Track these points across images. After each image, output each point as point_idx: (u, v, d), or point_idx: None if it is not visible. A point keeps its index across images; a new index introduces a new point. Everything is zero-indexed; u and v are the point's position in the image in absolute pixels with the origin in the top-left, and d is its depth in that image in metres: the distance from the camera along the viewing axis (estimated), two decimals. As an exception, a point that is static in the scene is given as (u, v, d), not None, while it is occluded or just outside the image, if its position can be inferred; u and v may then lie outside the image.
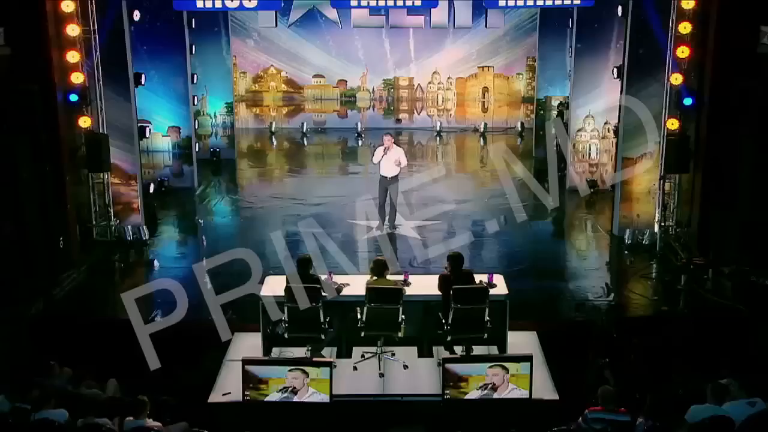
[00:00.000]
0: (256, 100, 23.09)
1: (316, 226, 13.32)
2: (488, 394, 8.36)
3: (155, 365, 8.80)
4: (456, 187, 17.12)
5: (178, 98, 16.75)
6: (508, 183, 15.71)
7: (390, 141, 13.54)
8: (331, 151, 21.54)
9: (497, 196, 15.87)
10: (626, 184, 13.82)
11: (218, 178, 18.27)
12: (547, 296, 11.65)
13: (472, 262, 12.36)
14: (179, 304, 9.75)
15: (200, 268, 11.11)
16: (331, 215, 14.49)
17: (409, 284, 9.84)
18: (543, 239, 14.28)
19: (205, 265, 11.35)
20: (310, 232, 13.11)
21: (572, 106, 16.50)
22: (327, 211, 14.83)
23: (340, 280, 9.96)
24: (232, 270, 10.21)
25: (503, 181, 16.06)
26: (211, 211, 15.88)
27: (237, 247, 11.23)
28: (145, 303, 11.40)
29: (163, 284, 10.53)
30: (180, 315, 9.60)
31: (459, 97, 23.06)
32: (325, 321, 9.38)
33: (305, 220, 14.07)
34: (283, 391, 8.16)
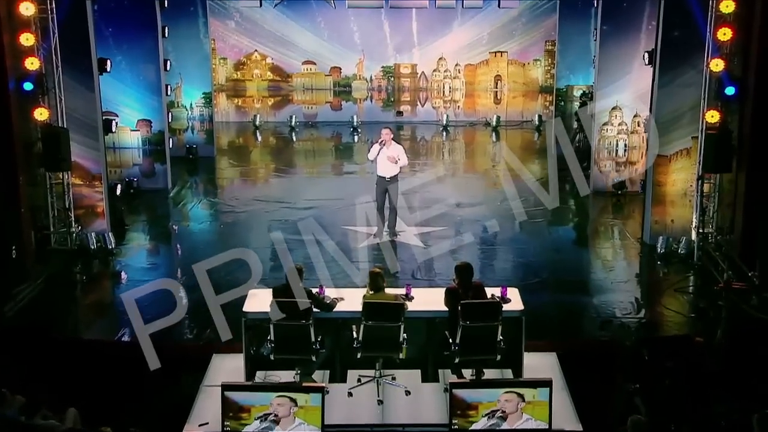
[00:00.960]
0: (238, 89, 23.08)
1: (307, 233, 13.27)
2: (496, 423, 8.27)
3: (155, 365, 8.94)
4: (464, 189, 17.09)
5: (148, 87, 16.72)
6: (521, 183, 15.74)
7: (388, 135, 13.51)
8: (323, 147, 21.52)
9: (511, 198, 15.82)
10: (659, 185, 13.80)
11: (195, 179, 18.23)
12: (569, 312, 11.61)
13: (483, 274, 12.32)
14: (179, 303, 9.92)
15: (172, 283, 11.15)
16: (323, 220, 14.45)
17: (411, 299, 9.81)
18: (563, 247, 14.25)
19: (181, 277, 11.42)
20: (300, 239, 13.08)
21: (597, 96, 16.49)
22: (319, 216, 14.80)
23: (334, 293, 9.93)
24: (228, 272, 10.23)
25: (516, 181, 16.04)
26: (187, 216, 15.84)
27: (216, 254, 11.20)
28: (113, 318, 11.42)
29: (162, 284, 10.63)
30: (180, 315, 9.77)
31: (468, 86, 23.06)
32: (316, 340, 9.34)
33: (295, 225, 14.07)
34: (262, 419, 8.08)
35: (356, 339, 9.40)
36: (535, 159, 19.16)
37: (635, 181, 16.48)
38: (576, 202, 16.55)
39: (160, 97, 16.91)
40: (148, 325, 9.38)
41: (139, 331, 9.27)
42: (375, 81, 23.12)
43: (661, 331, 11.21)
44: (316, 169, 19.53)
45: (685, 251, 13.47)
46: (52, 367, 9.98)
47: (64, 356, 10.20)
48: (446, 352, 9.44)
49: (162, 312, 9.77)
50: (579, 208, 16.34)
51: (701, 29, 12.93)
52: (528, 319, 9.76)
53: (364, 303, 9.33)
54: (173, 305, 9.99)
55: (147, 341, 9.06)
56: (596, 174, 16.60)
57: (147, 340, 9.08)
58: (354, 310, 9.49)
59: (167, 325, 9.66)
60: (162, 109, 17.06)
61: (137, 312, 9.55)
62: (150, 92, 16.77)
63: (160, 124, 17.07)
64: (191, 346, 10.50)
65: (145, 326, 9.32)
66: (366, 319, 9.27)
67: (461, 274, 9.56)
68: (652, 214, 13.93)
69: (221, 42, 22.38)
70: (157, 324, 9.53)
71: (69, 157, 13.40)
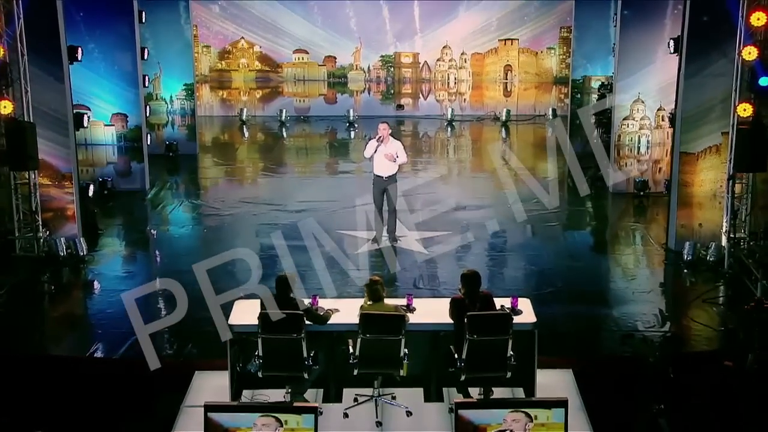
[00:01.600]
0: (223, 81, 23.11)
1: (298, 238, 13.26)
2: (505, 447, 8.24)
3: (155, 365, 9.17)
4: (471, 189, 17.09)
5: (124, 78, 16.72)
6: (533, 183, 15.76)
7: (386, 131, 13.52)
8: (316, 144, 21.52)
9: (523, 200, 15.82)
10: (685, 185, 13.80)
11: (175, 179, 18.24)
12: (586, 325, 11.60)
13: (492, 283, 12.33)
14: (179, 303, 9.92)
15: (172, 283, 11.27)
16: (315, 224, 14.42)
17: (413, 310, 9.79)
18: (580, 254, 14.25)
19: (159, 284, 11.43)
20: (291, 245, 13.08)
21: (617, 88, 16.50)
22: (311, 219, 14.78)
23: (328, 304, 9.92)
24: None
25: (528, 181, 16.05)
26: (167, 220, 15.84)
27: (197, 262, 11.18)
28: (84, 332, 11.40)
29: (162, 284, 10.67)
30: (181, 314, 9.81)
31: (475, 77, 23.11)
32: (308, 356, 9.32)
33: (285, 229, 14.06)
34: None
35: (353, 354, 9.38)
36: (549, 156, 19.13)
37: (659, 181, 16.47)
38: (594, 204, 16.55)
39: (136, 88, 16.91)
40: (148, 325, 9.60)
41: (139, 331, 9.52)
42: (373, 71, 23.15)
43: (688, 347, 11.18)
44: (309, 168, 19.53)
45: (714, 258, 13.45)
46: (16, 387, 9.95)
47: (29, 375, 10.17)
48: (451, 368, 9.42)
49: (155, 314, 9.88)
50: (597, 210, 16.34)
51: (732, 13, 12.91)
52: (541, 332, 9.73)
53: (362, 315, 9.31)
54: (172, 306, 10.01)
55: (147, 341, 9.31)
56: (615, 173, 16.61)
57: (147, 340, 9.33)
58: (350, 322, 9.47)
59: (167, 325, 9.81)
60: (139, 102, 17.05)
61: (137, 312, 9.73)
62: (126, 83, 16.77)
63: (136, 118, 17.07)
64: (171, 362, 10.45)
65: (146, 326, 9.57)
66: (363, 333, 9.25)
67: (468, 283, 9.54)
68: (678, 217, 13.92)
69: (204, 28, 22.41)
70: (158, 324, 9.75)
71: (36, 154, 13.37)
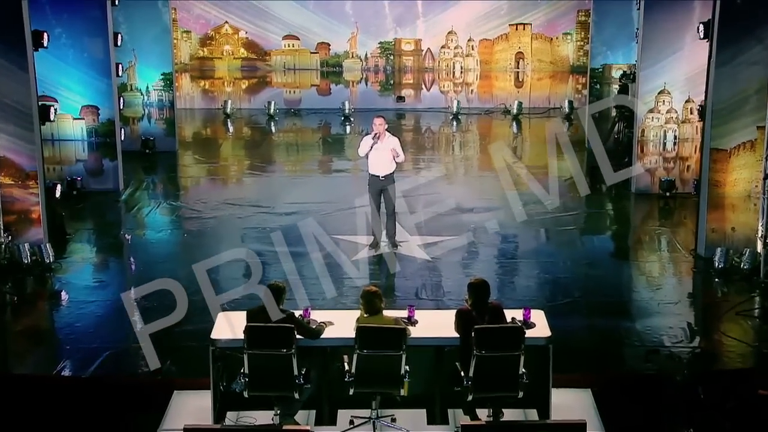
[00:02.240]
0: (205, 70, 23.08)
1: (288, 244, 13.25)
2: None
3: (155, 365, 9.50)
4: (479, 190, 17.07)
5: (94, 67, 16.68)
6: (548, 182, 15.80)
7: (382, 126, 13.50)
8: (308, 140, 21.50)
9: (535, 201, 15.81)
10: (716, 185, 13.77)
11: (152, 178, 18.21)
12: (606, 340, 11.58)
13: (502, 293, 12.32)
14: (179, 303, 10.00)
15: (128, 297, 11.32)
16: (308, 228, 14.41)
17: (414, 323, 9.78)
18: (600, 261, 14.22)
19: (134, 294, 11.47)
20: (280, 251, 13.03)
21: (641, 78, 16.47)
22: (311, 220, 14.77)
23: (321, 317, 9.90)
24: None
25: (542, 180, 16.07)
26: (143, 224, 15.81)
27: (176, 273, 11.19)
28: (51, 347, 11.37)
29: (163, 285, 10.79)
30: (181, 314, 9.97)
31: (483, 66, 23.09)
32: (299, 374, 9.31)
33: (273, 235, 14.04)
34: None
35: (348, 372, 9.36)
36: (565, 153, 19.11)
37: (687, 181, 16.45)
38: (615, 206, 16.53)
39: (109, 78, 16.86)
40: (148, 326, 9.91)
41: (139, 331, 9.82)
42: (371, 60, 23.13)
43: (720, 364, 11.16)
44: (300, 166, 19.50)
45: (748, 266, 13.43)
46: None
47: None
48: (457, 387, 9.41)
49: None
50: (618, 213, 16.32)
51: (768, -5, 12.95)
52: (556, 347, 9.71)
53: (358, 328, 9.30)
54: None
55: (147, 341, 9.58)
56: (639, 171, 16.58)
57: (147, 340, 9.60)
58: (345, 336, 9.46)
59: (167, 325, 9.87)
60: (111, 93, 17.00)
61: (137, 313, 10.04)
62: (97, 73, 16.72)
63: (109, 111, 17.02)
64: (148, 381, 10.45)
65: (146, 326, 9.86)
66: (360, 348, 9.24)
67: (475, 293, 9.53)
68: (708, 221, 13.89)
69: (184, 12, 22.38)
70: (157, 324, 9.86)
71: (-4, 151, 13.38)
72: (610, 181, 15.84)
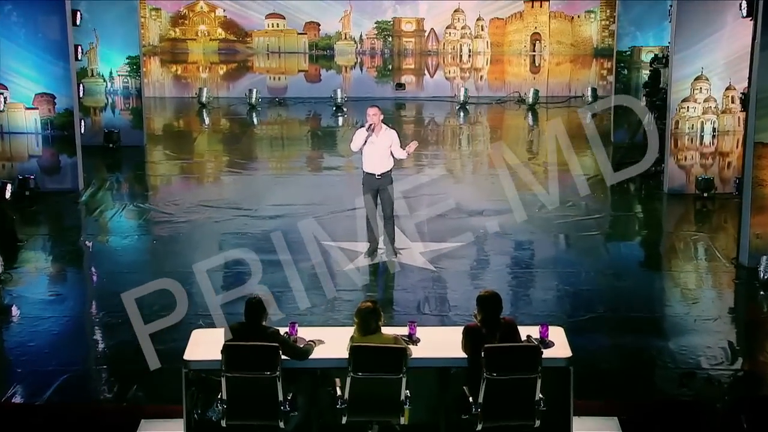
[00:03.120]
0: (177, 53, 23.10)
1: (272, 251, 13.26)
2: None
3: (155, 365, 9.55)
4: (489, 191, 17.07)
5: (50, 49, 16.69)
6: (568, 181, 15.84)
7: (377, 117, 13.51)
8: (294, 133, 21.51)
9: (550, 203, 15.86)
10: (761, 184, 13.78)
11: (117, 176, 18.22)
12: (635, 361, 11.58)
13: (516, 307, 12.34)
14: (179, 302, 10.19)
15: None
16: (294, 234, 14.42)
17: (416, 341, 9.77)
18: (627, 271, 14.22)
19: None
20: (263, 259, 13.05)
21: (674, 62, 16.49)
22: (288, 228, 14.78)
23: (310, 334, 9.90)
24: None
25: (563, 179, 16.11)
26: (106, 228, 15.81)
27: (145, 281, 11.18)
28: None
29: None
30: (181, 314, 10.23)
31: (495, 49, 23.12)
32: (285, 399, 9.32)
33: (255, 241, 14.08)
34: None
35: (341, 397, 9.37)
36: (587, 149, 19.15)
37: (728, 180, 16.47)
38: (645, 208, 16.54)
39: (67, 62, 16.88)
40: (148, 325, 9.92)
41: (139, 331, 9.90)
42: (366, 42, 23.15)
43: (766, 389, 11.17)
44: (286, 163, 19.52)
45: (798, 277, 13.47)
46: None
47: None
48: (465, 415, 9.42)
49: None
50: (649, 216, 16.35)
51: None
52: (578, 370, 9.72)
53: (352, 347, 9.30)
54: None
55: (147, 341, 9.71)
56: (673, 169, 16.60)
57: (147, 340, 9.72)
58: (338, 356, 9.46)
59: (167, 325, 10.02)
60: (70, 79, 17.03)
61: (137, 313, 10.01)
62: (52, 56, 16.74)
63: (67, 100, 17.05)
64: (111, 408, 10.45)
65: (146, 326, 9.93)
66: (354, 370, 9.24)
67: (485, 308, 9.53)
68: (752, 225, 13.92)
69: (154, -12, 22.41)
70: (158, 324, 9.99)
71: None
72: (610, 180, 15.96)
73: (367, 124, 13.53)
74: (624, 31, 19.52)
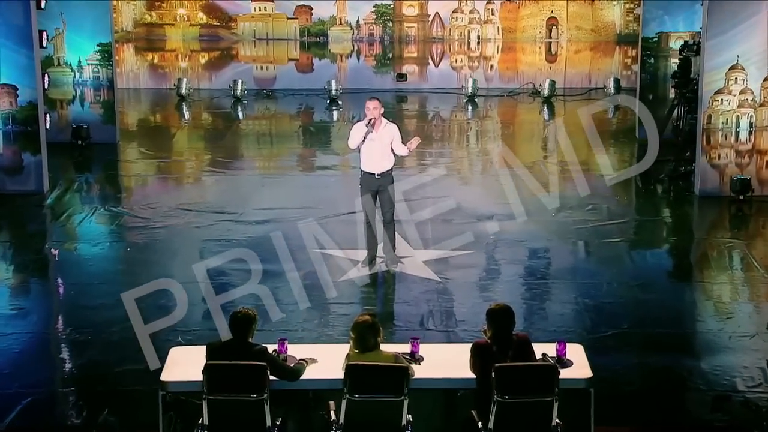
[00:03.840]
0: (154, 40, 23.11)
1: (258, 260, 13.29)
2: None
3: (155, 365, 9.84)
4: (500, 193, 17.07)
5: (11, 35, 16.73)
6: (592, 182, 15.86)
7: (377, 110, 13.50)
8: (284, 129, 21.52)
9: (572, 206, 15.84)
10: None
11: (86, 177, 18.23)
12: (663, 383, 11.56)
13: (531, 322, 12.36)
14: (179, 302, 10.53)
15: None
16: (285, 240, 14.44)
17: (419, 360, 9.79)
18: (654, 282, 14.22)
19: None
20: (250, 269, 13.07)
21: (706, 49, 16.49)
22: (277, 234, 14.79)
23: (301, 352, 9.92)
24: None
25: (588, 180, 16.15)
26: (74, 235, 15.81)
27: (119, 294, 11.20)
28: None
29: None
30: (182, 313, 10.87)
31: (507, 35, 23.12)
32: (273, 425, 9.33)
33: (239, 249, 14.05)
34: None
35: (335, 422, 9.39)
36: (611, 146, 19.17)
37: (766, 181, 16.48)
38: (674, 211, 16.54)
39: (30, 50, 16.92)
40: (148, 326, 10.34)
41: (139, 331, 10.37)
42: (364, 28, 23.17)
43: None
44: (274, 162, 19.54)
45: (843, 288, 13.50)
46: None
47: None
48: (474, 442, 9.44)
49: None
50: (678, 220, 16.36)
51: None
52: (599, 392, 9.75)
53: (348, 366, 9.31)
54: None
55: (147, 341, 10.12)
56: (705, 169, 16.60)
57: (147, 340, 10.14)
58: (332, 377, 9.48)
59: (167, 325, 10.35)
60: (34, 69, 17.08)
61: (137, 313, 10.35)
62: (14, 43, 16.77)
63: (30, 92, 17.08)
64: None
65: (146, 326, 10.38)
66: (350, 392, 9.25)
67: (496, 323, 9.54)
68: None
69: (128, -33, 22.46)
70: (158, 324, 10.37)
71: None
72: (611, 181, 16.01)
73: (366, 118, 13.51)
74: (651, 15, 19.55)
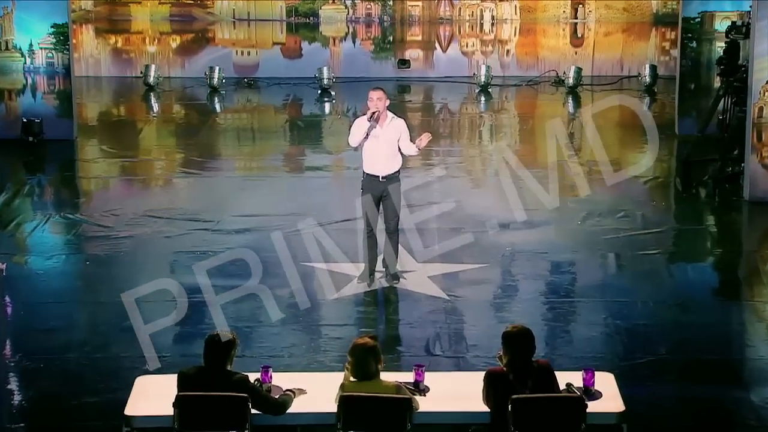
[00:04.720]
0: (117, 20, 23.15)
1: (238, 275, 13.31)
2: None
3: (155, 365, 10.46)
4: (517, 197, 17.06)
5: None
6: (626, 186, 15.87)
7: (381, 101, 13.47)
8: (268, 124, 21.56)
9: (602, 213, 15.85)
10: None
11: (38, 178, 18.25)
12: (708, 417, 11.57)
13: (553, 347, 12.37)
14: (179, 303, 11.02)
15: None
16: (267, 252, 14.44)
17: (425, 390, 9.80)
18: (696, 302, 14.23)
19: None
20: (228, 284, 13.07)
21: (757, 31, 16.49)
22: (259, 245, 14.80)
23: (288, 382, 9.91)
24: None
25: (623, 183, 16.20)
26: (24, 246, 15.82)
27: (73, 319, 11.22)
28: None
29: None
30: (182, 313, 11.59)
31: (525, 16, 23.15)
32: (255, 465, 9.33)
33: (218, 261, 14.07)
34: None
35: (327, 463, 9.39)
36: (644, 143, 19.17)
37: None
38: (719, 219, 16.54)
39: (-25, 33, 16.98)
40: (147, 325, 10.94)
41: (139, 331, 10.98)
42: (360, 7, 23.20)
43: None
44: (257, 162, 19.57)
45: None
46: None
47: None
48: (488, 485, 9.43)
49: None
50: (725, 230, 16.37)
51: None
52: (633, 427, 9.75)
53: (342, 398, 9.32)
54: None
55: (147, 341, 10.72)
56: (756, 170, 16.60)
57: (147, 340, 10.75)
58: (323, 410, 9.49)
59: (167, 325, 10.79)
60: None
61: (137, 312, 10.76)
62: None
63: (-25, 81, 17.15)
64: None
65: (145, 326, 11.00)
66: (345, 427, 9.27)
67: (514, 348, 9.55)
68: None
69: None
70: (158, 324, 10.89)
71: None
72: (610, 181, 16.07)
73: (369, 112, 13.44)
74: (691, -6, 19.64)
